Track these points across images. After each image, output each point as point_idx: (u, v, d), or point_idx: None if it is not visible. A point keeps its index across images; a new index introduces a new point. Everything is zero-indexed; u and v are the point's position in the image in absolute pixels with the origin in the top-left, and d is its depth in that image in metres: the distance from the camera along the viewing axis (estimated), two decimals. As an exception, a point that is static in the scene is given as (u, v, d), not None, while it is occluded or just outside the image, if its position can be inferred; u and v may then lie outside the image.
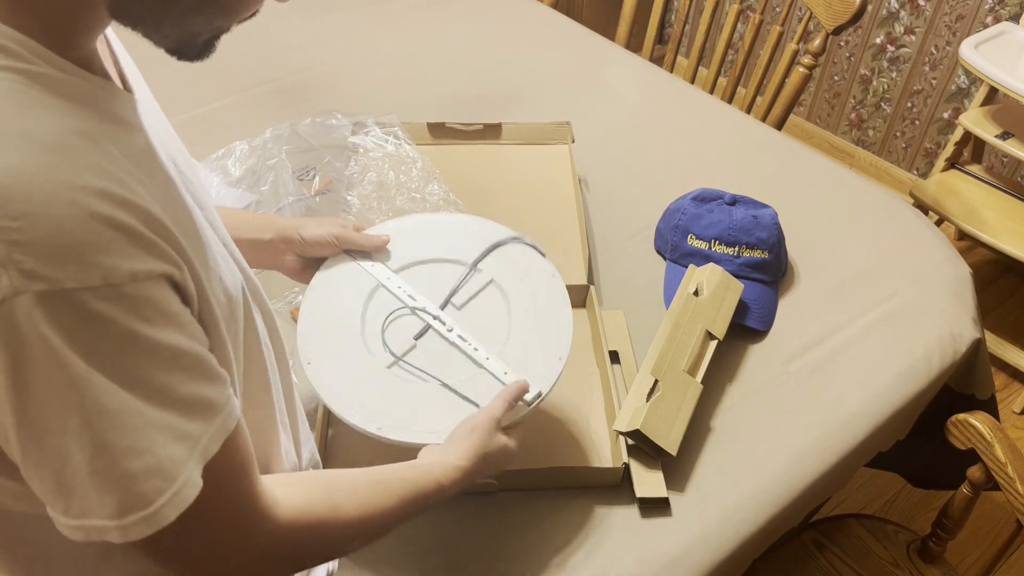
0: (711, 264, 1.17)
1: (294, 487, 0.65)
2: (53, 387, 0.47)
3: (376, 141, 1.35)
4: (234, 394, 0.57)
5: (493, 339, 0.90)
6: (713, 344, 1.09)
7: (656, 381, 1.01)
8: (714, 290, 1.13)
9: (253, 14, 0.55)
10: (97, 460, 0.49)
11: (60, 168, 0.46)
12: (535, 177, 1.38)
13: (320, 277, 0.94)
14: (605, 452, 1.00)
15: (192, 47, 0.55)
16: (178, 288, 0.53)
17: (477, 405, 0.85)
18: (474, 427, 0.80)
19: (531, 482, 0.95)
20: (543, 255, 0.98)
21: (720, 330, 1.10)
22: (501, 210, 1.34)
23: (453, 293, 0.92)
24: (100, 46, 0.57)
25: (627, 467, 0.96)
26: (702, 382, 1.05)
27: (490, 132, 1.40)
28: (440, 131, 1.39)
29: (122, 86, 0.59)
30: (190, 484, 0.52)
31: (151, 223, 0.50)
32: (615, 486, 0.96)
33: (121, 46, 0.65)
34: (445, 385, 0.86)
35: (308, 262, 0.96)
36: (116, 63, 0.61)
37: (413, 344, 0.89)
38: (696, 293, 1.13)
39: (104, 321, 0.47)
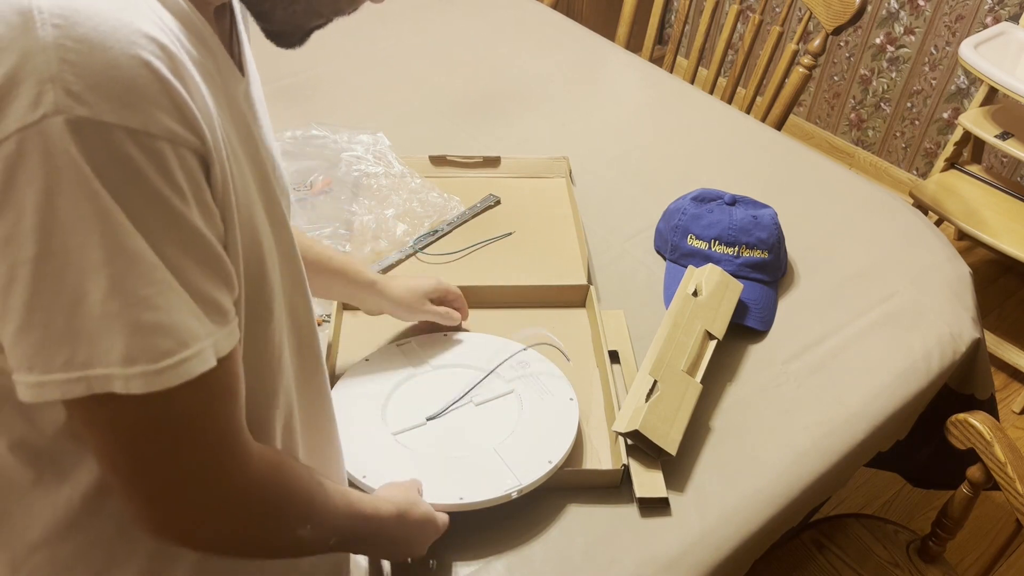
0: (710, 264, 1.17)
1: (264, 449, 0.62)
2: (80, 215, 0.45)
3: (370, 166, 1.35)
4: (236, 319, 0.55)
5: (496, 434, 0.97)
6: (712, 344, 1.09)
7: (655, 381, 1.01)
8: (713, 290, 1.13)
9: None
10: (112, 300, 0.47)
11: (133, 13, 0.46)
12: (533, 187, 1.38)
13: (364, 363, 1.06)
14: (605, 453, 1.00)
15: (299, 32, 0.58)
16: (210, 183, 0.51)
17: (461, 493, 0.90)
18: (398, 484, 0.85)
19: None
20: (567, 357, 1.07)
21: (719, 330, 1.10)
22: (500, 210, 1.35)
23: (471, 390, 1.02)
24: (223, 31, 0.59)
25: (627, 468, 0.96)
26: (701, 382, 1.05)
27: (488, 164, 1.42)
28: (440, 162, 1.41)
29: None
30: (201, 358, 0.50)
31: (199, 104, 0.49)
32: (615, 487, 0.96)
33: (248, 47, 0.66)
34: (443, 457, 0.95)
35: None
36: (237, 51, 0.62)
37: (424, 423, 0.99)
38: (695, 294, 1.13)
39: (135, 168, 0.46)
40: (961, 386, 1.23)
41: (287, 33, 0.58)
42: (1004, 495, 1.04)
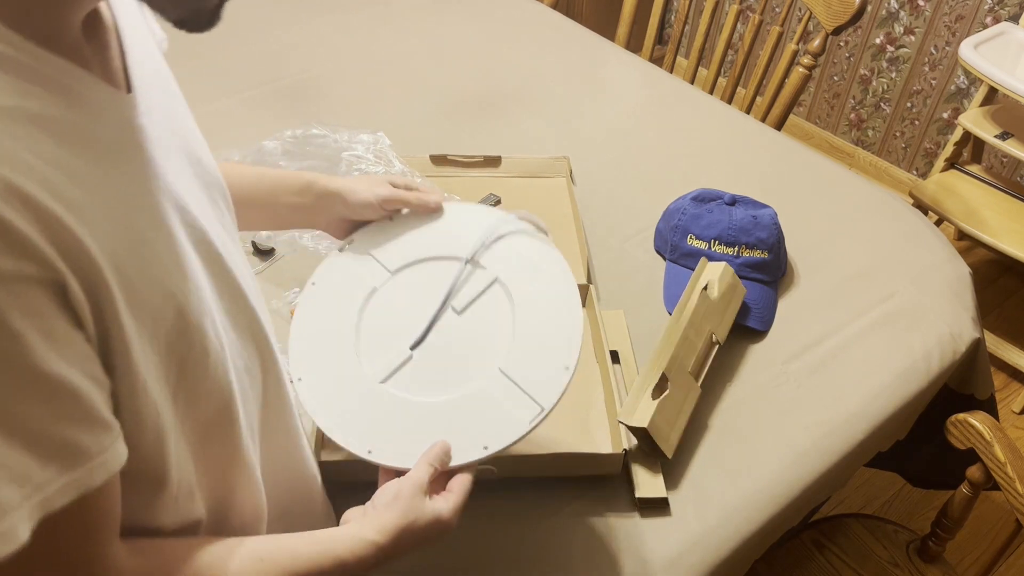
0: (723, 264, 1.17)
1: (150, 559, 0.57)
2: None
3: (370, 166, 1.35)
4: (121, 442, 0.50)
5: (495, 348, 0.83)
6: (715, 349, 1.09)
7: (667, 379, 1.00)
8: (724, 292, 1.13)
9: None
10: None
11: None
12: (533, 187, 1.38)
13: (312, 289, 0.88)
14: (605, 443, 1.00)
15: (203, 15, 0.52)
16: (68, 304, 0.46)
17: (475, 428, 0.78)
18: (396, 495, 0.71)
19: (530, 469, 0.95)
20: (545, 232, 0.91)
21: (722, 334, 1.10)
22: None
23: (450, 296, 0.85)
24: (98, 42, 0.54)
25: (627, 466, 0.96)
26: (701, 386, 1.05)
27: (489, 164, 1.42)
28: (441, 162, 1.41)
29: (122, 83, 0.56)
30: (7, 538, 0.43)
31: (42, 219, 0.44)
32: (614, 483, 0.96)
33: (147, 47, 0.62)
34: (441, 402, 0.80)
35: (354, 223, 0.93)
36: (122, 61, 0.57)
37: (409, 355, 0.83)
38: (706, 289, 1.12)
39: None
40: (961, 386, 1.23)
41: (189, 19, 0.53)
42: (1004, 495, 1.04)
